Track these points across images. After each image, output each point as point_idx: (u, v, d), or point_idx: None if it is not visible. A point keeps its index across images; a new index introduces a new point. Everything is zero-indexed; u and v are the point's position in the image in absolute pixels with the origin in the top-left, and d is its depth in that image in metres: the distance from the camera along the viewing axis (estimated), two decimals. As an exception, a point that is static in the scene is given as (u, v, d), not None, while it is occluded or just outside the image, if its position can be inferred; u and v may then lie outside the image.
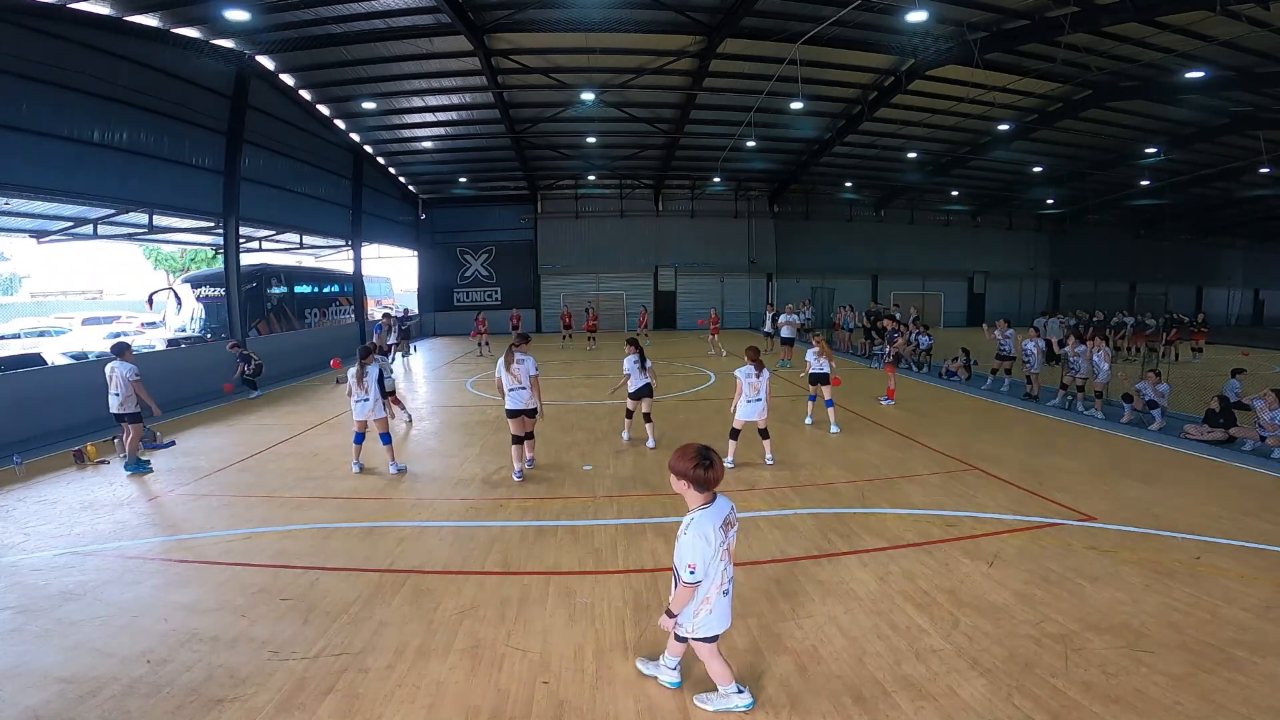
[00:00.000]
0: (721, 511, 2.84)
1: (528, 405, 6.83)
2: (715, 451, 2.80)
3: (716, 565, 2.81)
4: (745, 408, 7.12)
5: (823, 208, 30.13)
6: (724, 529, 2.82)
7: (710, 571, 2.80)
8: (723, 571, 2.86)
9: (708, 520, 2.78)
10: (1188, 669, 3.33)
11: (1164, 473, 6.93)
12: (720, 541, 2.79)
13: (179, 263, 36.24)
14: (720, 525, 2.81)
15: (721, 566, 2.85)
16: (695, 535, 2.76)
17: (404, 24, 13.89)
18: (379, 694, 3.24)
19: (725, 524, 2.84)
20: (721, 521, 2.82)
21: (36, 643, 3.73)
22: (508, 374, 6.75)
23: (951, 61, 15.11)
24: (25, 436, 8.56)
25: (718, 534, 2.78)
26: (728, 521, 2.85)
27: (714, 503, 2.84)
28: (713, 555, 2.77)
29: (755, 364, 7.10)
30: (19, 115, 9.76)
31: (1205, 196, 28.78)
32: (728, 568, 2.89)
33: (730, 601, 2.96)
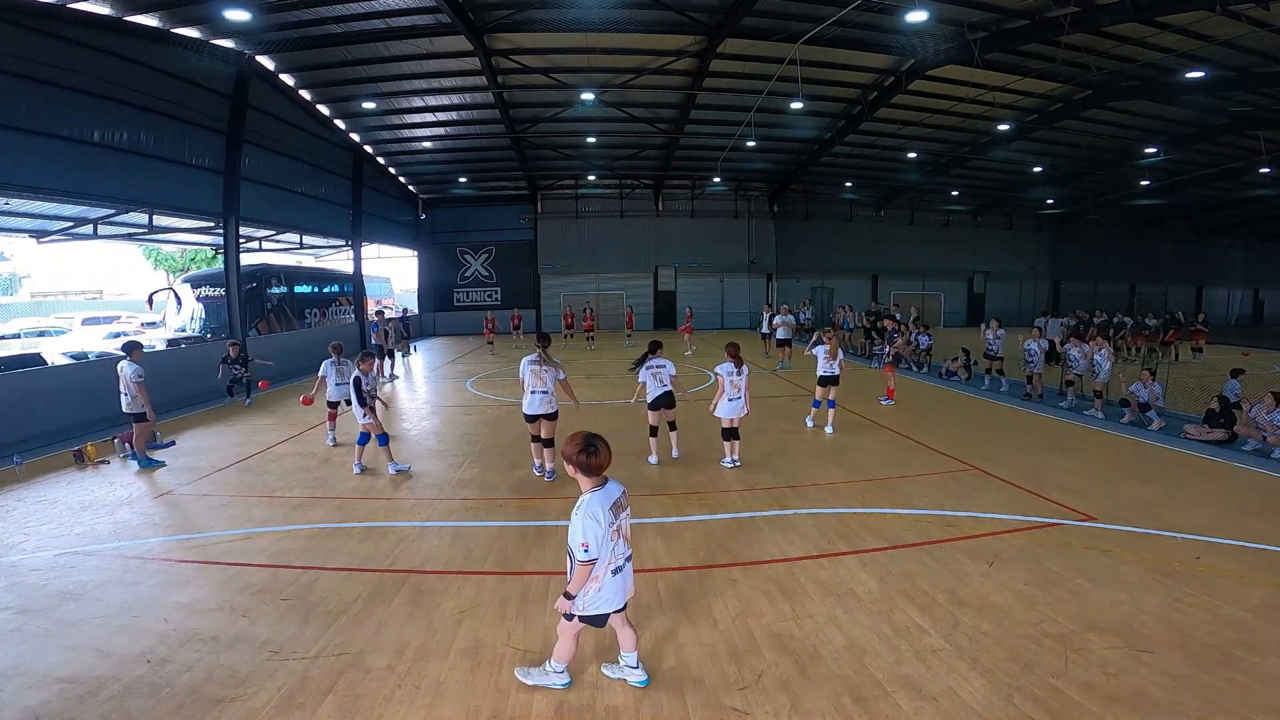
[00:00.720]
0: (612, 495, 3.06)
1: (546, 409, 6.68)
2: (601, 440, 3.01)
3: (608, 544, 2.99)
4: (725, 405, 7.11)
5: (823, 208, 30.12)
6: (614, 511, 3.03)
7: (603, 551, 2.97)
8: (613, 550, 3.04)
9: (597, 502, 2.98)
10: (1188, 669, 3.33)
11: (1164, 473, 6.93)
12: (610, 522, 2.99)
13: (179, 263, 36.24)
14: (610, 507, 3.01)
15: (612, 546, 3.02)
16: (585, 515, 2.94)
17: (404, 24, 13.89)
18: (379, 694, 3.24)
19: (616, 506, 3.05)
20: (611, 504, 3.03)
21: (36, 643, 3.73)
22: (533, 375, 6.58)
23: (951, 61, 15.10)
24: (25, 436, 8.55)
25: (607, 515, 2.98)
26: (618, 504, 3.08)
27: (604, 486, 3.05)
28: (603, 534, 2.95)
29: (735, 360, 7.07)
30: (19, 115, 9.76)
31: (1205, 196, 28.78)
32: (618, 547, 3.07)
33: (623, 583, 3.13)
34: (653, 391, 7.14)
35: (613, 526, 3.01)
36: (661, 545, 5.10)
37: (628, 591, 3.18)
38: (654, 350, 7.22)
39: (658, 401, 7.16)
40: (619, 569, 3.09)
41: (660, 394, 7.14)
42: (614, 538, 3.02)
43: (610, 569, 3.04)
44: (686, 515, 5.78)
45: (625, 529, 3.13)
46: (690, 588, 4.37)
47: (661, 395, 7.14)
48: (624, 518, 3.12)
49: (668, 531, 5.40)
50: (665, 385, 7.14)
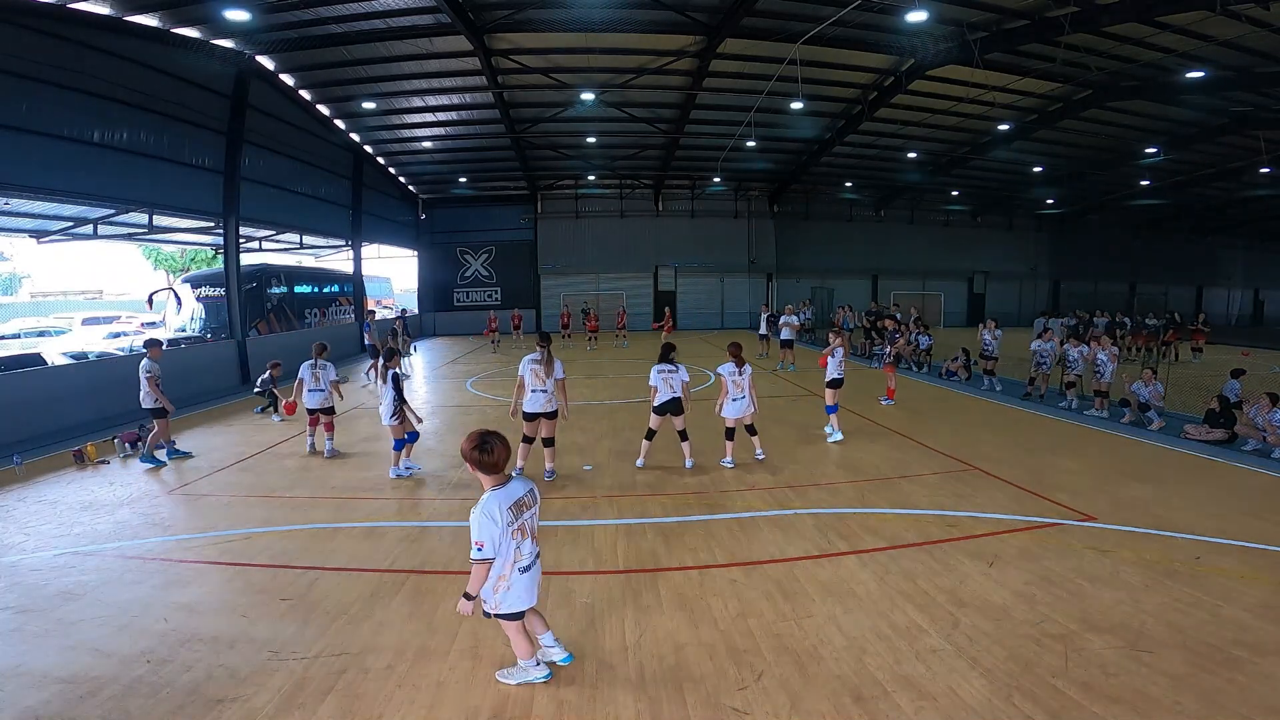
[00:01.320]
0: (514, 494, 3.04)
1: (546, 408, 6.63)
2: (497, 437, 2.98)
3: (508, 544, 2.98)
4: (730, 406, 7.12)
5: (823, 208, 30.12)
6: (515, 509, 3.02)
7: (501, 550, 2.97)
8: (517, 549, 3.03)
9: (495, 500, 2.96)
10: (1188, 669, 3.32)
11: (1164, 473, 6.93)
12: (509, 521, 2.97)
13: (179, 263, 36.25)
14: (510, 506, 3.00)
15: (514, 545, 3.02)
16: (481, 514, 2.93)
17: (404, 24, 13.89)
18: (379, 694, 3.24)
19: (518, 505, 3.04)
20: (513, 503, 3.01)
21: (36, 643, 3.73)
22: (533, 374, 6.53)
23: (951, 61, 15.10)
24: (25, 436, 8.56)
25: (506, 514, 2.96)
26: (521, 503, 3.06)
27: (506, 485, 3.04)
28: (501, 533, 2.94)
29: (736, 360, 7.09)
30: (19, 115, 9.76)
31: (1205, 196, 28.78)
32: (524, 546, 3.07)
33: (533, 580, 3.15)
34: (661, 396, 6.98)
35: (514, 525, 3.00)
36: (661, 545, 5.10)
37: (537, 589, 3.21)
38: (667, 354, 7.09)
39: (664, 407, 7.00)
40: (527, 567, 3.10)
41: (668, 400, 6.97)
42: (516, 537, 3.02)
43: (518, 567, 3.05)
44: (686, 515, 5.78)
45: (531, 527, 3.13)
46: (690, 588, 4.37)
47: (669, 401, 6.97)
48: (529, 516, 3.11)
49: (668, 531, 5.40)
50: (675, 391, 6.94)
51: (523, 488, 3.12)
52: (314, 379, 7.91)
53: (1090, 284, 32.97)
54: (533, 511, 3.14)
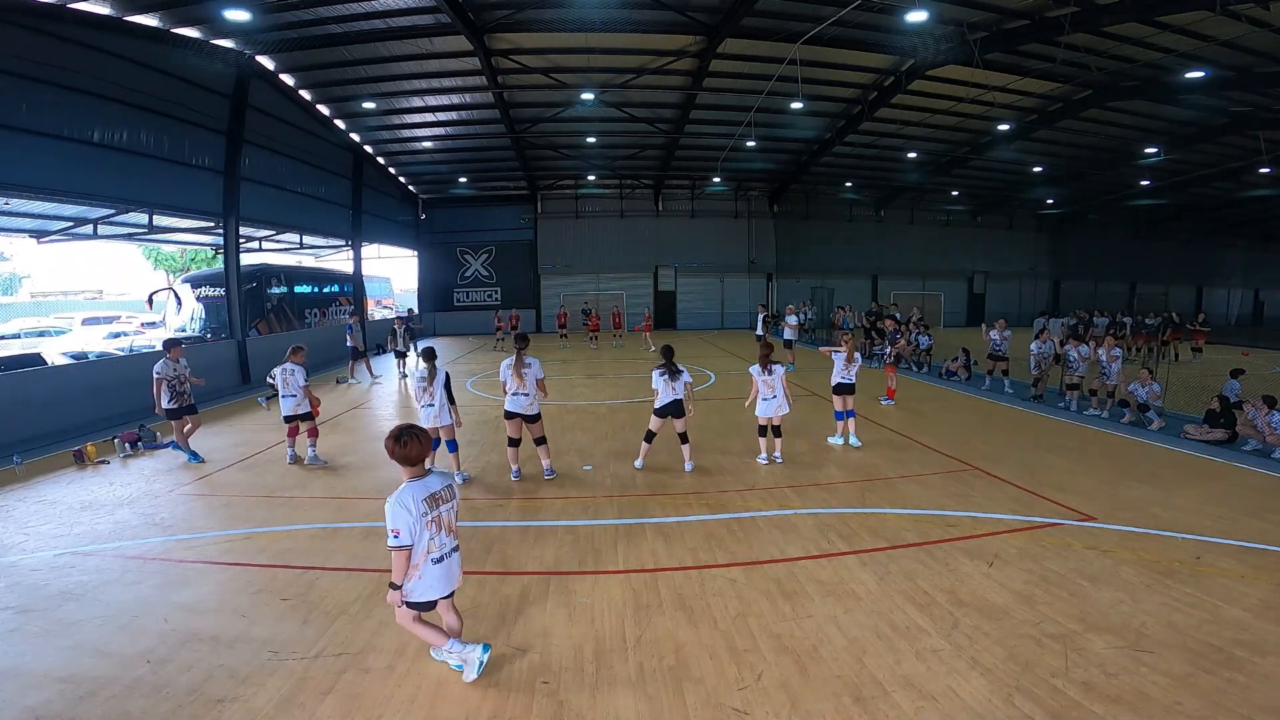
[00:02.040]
0: (430, 487, 3.18)
1: (527, 410, 6.70)
2: (415, 431, 3.13)
3: (423, 533, 3.10)
4: (762, 405, 7.16)
5: (823, 208, 30.12)
6: (431, 502, 3.14)
7: (418, 539, 3.08)
8: (431, 540, 3.14)
9: (409, 492, 3.10)
10: (1188, 669, 3.33)
11: (1164, 473, 6.93)
12: (423, 512, 3.09)
13: (179, 263, 36.26)
14: (426, 498, 3.13)
15: (429, 535, 3.13)
16: (395, 503, 3.07)
17: (404, 24, 13.89)
18: (379, 694, 3.24)
19: (434, 498, 3.17)
20: (428, 495, 3.14)
21: (36, 643, 3.73)
22: (514, 377, 6.62)
23: (951, 61, 15.10)
24: (25, 436, 8.56)
25: (419, 505, 3.09)
26: (437, 497, 3.18)
27: (424, 478, 3.18)
28: (414, 522, 3.06)
29: (762, 361, 7.14)
30: (19, 115, 9.75)
31: (1205, 196, 28.78)
32: (439, 538, 3.18)
33: (448, 573, 3.24)
34: (663, 398, 6.91)
35: (428, 517, 3.12)
36: (661, 545, 5.10)
37: (454, 581, 3.29)
38: (669, 356, 7.02)
39: (666, 409, 6.94)
40: (440, 559, 3.19)
41: (670, 401, 6.89)
42: (430, 528, 3.13)
43: (430, 558, 3.15)
44: (686, 515, 5.78)
45: (448, 520, 3.24)
46: (690, 588, 4.37)
47: (671, 403, 6.89)
48: (446, 510, 3.23)
49: (668, 531, 5.40)
50: (677, 393, 6.88)
51: (439, 482, 3.24)
52: (283, 384, 7.62)
53: (1090, 284, 32.98)
54: (449, 506, 3.26)
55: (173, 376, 7.60)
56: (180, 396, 7.68)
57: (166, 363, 7.62)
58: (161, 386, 7.52)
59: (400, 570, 3.08)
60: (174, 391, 7.61)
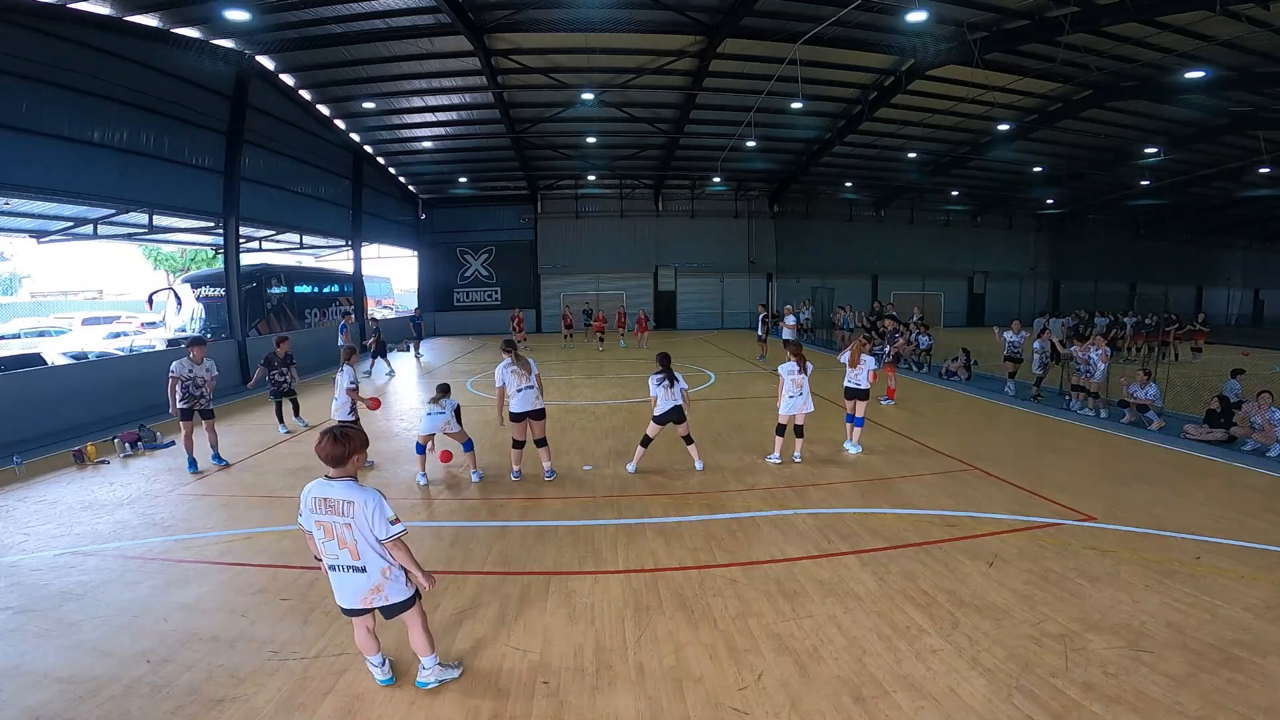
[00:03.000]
0: (328, 491, 2.97)
1: (535, 405, 6.63)
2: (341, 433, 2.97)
3: (317, 534, 3.01)
4: (787, 403, 7.15)
5: (823, 208, 30.12)
6: (321, 505, 2.97)
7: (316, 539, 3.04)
8: (324, 544, 3.02)
9: (311, 485, 3.02)
10: (1188, 669, 3.33)
11: (1164, 473, 6.93)
12: (311, 509, 2.99)
13: (179, 263, 36.24)
14: (320, 498, 2.97)
15: (320, 540, 3.02)
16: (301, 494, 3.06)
17: (404, 24, 13.89)
18: (379, 694, 3.24)
19: (323, 501, 2.97)
20: (323, 496, 2.97)
21: (36, 643, 3.73)
22: (514, 373, 6.53)
23: (951, 61, 15.10)
24: (25, 436, 8.55)
25: (310, 502, 2.99)
26: (327, 502, 2.97)
27: (330, 481, 2.99)
28: (307, 514, 3.02)
29: (798, 360, 7.12)
30: (19, 115, 9.75)
31: (1205, 196, 28.77)
32: (326, 544, 3.01)
33: (338, 584, 3.06)
34: (662, 405, 6.86)
35: (316, 516, 2.99)
36: (661, 545, 5.10)
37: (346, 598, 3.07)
38: (665, 364, 6.94)
39: (665, 416, 6.90)
40: (332, 568, 3.06)
41: (670, 408, 6.86)
42: (319, 530, 3.00)
43: (325, 563, 3.08)
44: (686, 515, 5.78)
45: (341, 534, 2.98)
46: (690, 588, 4.37)
47: (671, 410, 6.86)
48: (339, 523, 2.97)
49: (668, 531, 5.40)
50: (675, 400, 6.85)
51: (341, 493, 2.97)
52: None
53: (1090, 284, 32.96)
54: (346, 520, 2.96)
55: (188, 378, 7.27)
56: (194, 399, 7.34)
57: (184, 362, 7.30)
58: (175, 386, 7.20)
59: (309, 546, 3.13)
60: (187, 394, 7.27)
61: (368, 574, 3.02)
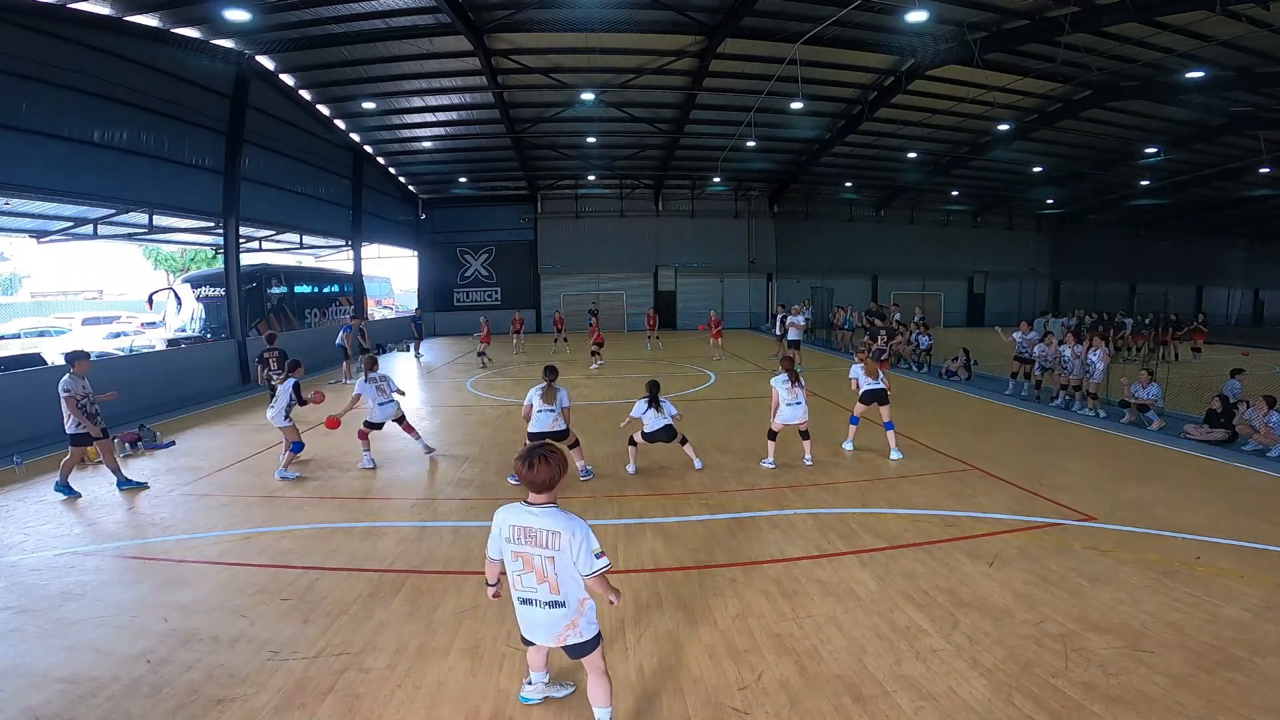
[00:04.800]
0: (527, 520, 2.67)
1: (552, 427, 6.54)
2: (544, 453, 2.65)
3: (511, 564, 2.73)
4: (787, 412, 7.15)
5: (823, 208, 30.13)
6: (520, 534, 2.67)
7: (507, 565, 2.76)
8: (519, 576, 2.72)
9: (508, 509, 2.76)
10: (1188, 669, 3.32)
11: (1164, 473, 6.93)
12: (508, 536, 2.70)
13: (179, 263, 36.24)
14: (520, 526, 2.68)
15: (514, 571, 2.73)
16: (495, 515, 2.79)
17: (404, 24, 13.89)
18: (379, 694, 3.24)
19: (524, 531, 2.67)
20: (523, 525, 2.67)
21: (36, 643, 3.73)
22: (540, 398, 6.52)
23: (951, 61, 15.10)
24: (25, 436, 8.55)
25: (506, 529, 2.71)
26: (528, 532, 2.66)
27: (535, 505, 2.69)
28: (499, 540, 2.75)
29: (790, 374, 7.19)
30: (19, 115, 9.76)
31: (1205, 196, 28.78)
32: (525, 577, 2.70)
33: (527, 618, 2.78)
34: (652, 425, 6.95)
35: (513, 546, 2.70)
36: (661, 545, 5.10)
37: (536, 634, 2.81)
38: (653, 391, 7.00)
39: (656, 436, 6.98)
40: (524, 601, 2.76)
41: (660, 428, 6.93)
42: (517, 561, 2.71)
43: (515, 595, 2.78)
44: (686, 515, 5.78)
45: (541, 568, 2.67)
46: (690, 588, 4.37)
47: (660, 429, 6.94)
48: (540, 555, 2.66)
49: (668, 531, 5.40)
50: (666, 419, 6.93)
51: (544, 522, 2.66)
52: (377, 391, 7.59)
53: (1090, 284, 32.96)
54: (545, 552, 2.66)
55: (83, 395, 6.56)
56: (91, 419, 6.57)
57: (73, 378, 6.50)
58: (73, 405, 6.42)
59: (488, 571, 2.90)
60: (85, 412, 6.51)
61: (566, 608, 2.72)
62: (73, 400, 6.41)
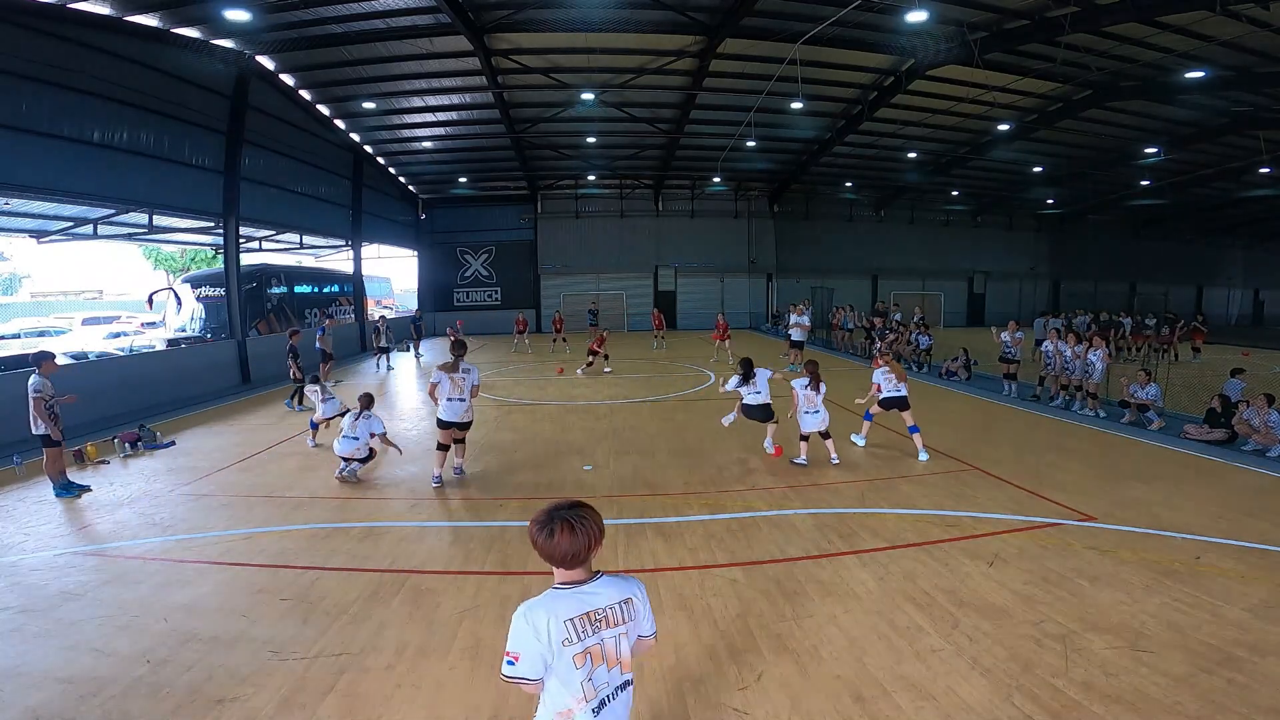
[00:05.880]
0: (589, 602, 1.93)
1: (463, 419, 6.62)
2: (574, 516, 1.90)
3: (569, 669, 1.88)
4: (806, 420, 7.23)
5: (823, 208, 30.13)
6: (583, 623, 1.90)
7: (560, 676, 1.89)
8: (583, 682, 1.89)
9: (547, 606, 1.90)
10: (1188, 669, 3.32)
11: (1164, 473, 6.93)
12: (565, 638, 1.86)
13: (179, 263, 36.23)
14: (577, 618, 1.90)
15: (579, 674, 1.88)
16: (521, 617, 1.89)
17: (404, 24, 13.89)
18: (379, 694, 3.24)
19: (590, 618, 1.92)
20: (582, 613, 1.91)
21: (36, 643, 3.73)
22: (450, 382, 6.55)
23: (951, 61, 15.09)
24: (25, 436, 8.51)
25: (561, 628, 1.87)
26: (598, 617, 1.93)
27: (580, 586, 1.96)
28: (547, 653, 1.86)
29: (812, 378, 7.25)
30: (19, 115, 9.75)
31: (1205, 196, 28.78)
32: (594, 676, 1.91)
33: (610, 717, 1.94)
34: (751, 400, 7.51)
35: (576, 647, 1.88)
36: (661, 545, 5.11)
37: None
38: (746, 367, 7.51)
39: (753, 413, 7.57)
40: (600, 706, 1.93)
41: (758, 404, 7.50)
42: (583, 663, 1.89)
43: (587, 706, 1.91)
44: (686, 515, 5.78)
45: (612, 650, 1.95)
46: (690, 588, 4.37)
47: (759, 407, 7.51)
48: (612, 637, 1.94)
49: (668, 531, 5.40)
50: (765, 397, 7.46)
51: (609, 594, 1.98)
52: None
53: (1090, 284, 32.99)
54: (620, 631, 1.96)
55: (51, 396, 6.47)
56: (54, 420, 6.48)
57: (40, 379, 6.41)
58: (41, 407, 6.33)
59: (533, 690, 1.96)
60: (52, 414, 6.44)
61: (633, 684, 2.06)
62: (41, 401, 6.35)
